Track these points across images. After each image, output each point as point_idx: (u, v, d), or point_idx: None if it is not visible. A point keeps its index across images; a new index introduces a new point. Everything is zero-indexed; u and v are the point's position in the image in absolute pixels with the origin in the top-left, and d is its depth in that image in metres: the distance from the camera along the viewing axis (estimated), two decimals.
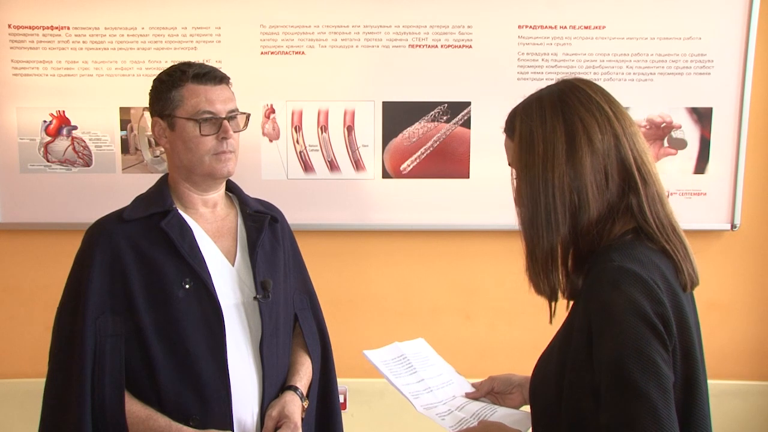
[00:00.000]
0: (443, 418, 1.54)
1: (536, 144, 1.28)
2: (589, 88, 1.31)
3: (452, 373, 1.75)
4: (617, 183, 1.27)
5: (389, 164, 2.64)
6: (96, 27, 2.56)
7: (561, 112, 1.27)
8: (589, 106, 1.27)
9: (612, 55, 2.61)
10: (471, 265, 2.75)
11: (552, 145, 1.26)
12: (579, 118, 1.26)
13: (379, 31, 2.59)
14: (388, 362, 1.70)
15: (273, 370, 1.73)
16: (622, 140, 1.27)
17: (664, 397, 1.13)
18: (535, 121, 1.29)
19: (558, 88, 1.32)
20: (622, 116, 1.29)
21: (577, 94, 1.29)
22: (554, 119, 1.27)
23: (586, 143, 1.25)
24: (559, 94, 1.30)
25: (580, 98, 1.28)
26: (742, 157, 2.64)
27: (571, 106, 1.27)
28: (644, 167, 1.28)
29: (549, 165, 1.26)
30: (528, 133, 1.29)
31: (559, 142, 1.26)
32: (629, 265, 1.20)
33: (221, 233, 1.77)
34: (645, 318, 1.16)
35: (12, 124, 2.60)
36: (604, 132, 1.26)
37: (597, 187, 1.26)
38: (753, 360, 2.80)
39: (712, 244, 2.69)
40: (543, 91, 1.34)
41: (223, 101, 1.71)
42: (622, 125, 1.28)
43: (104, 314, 1.63)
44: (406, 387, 1.63)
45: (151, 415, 1.61)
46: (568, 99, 1.28)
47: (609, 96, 1.32)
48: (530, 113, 1.31)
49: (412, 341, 1.81)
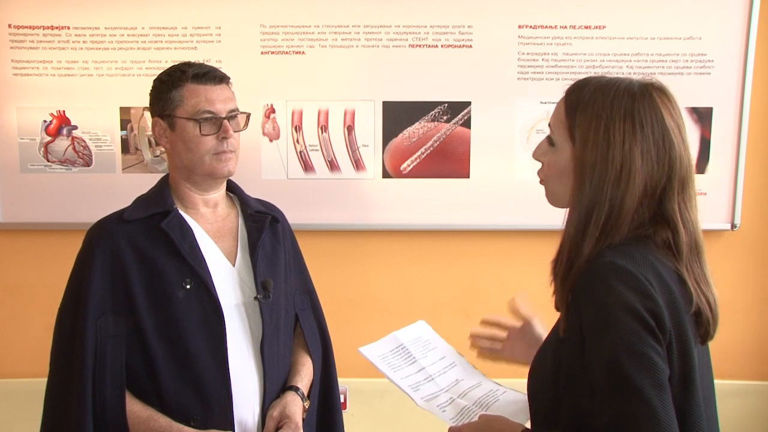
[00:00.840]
0: (444, 410, 1.52)
1: (611, 154, 1.24)
2: (668, 113, 1.27)
3: (454, 355, 1.74)
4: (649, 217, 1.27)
5: (389, 164, 2.64)
6: (96, 27, 2.56)
7: (639, 133, 1.24)
8: (662, 136, 1.25)
9: (612, 55, 2.61)
10: (471, 265, 2.75)
11: (629, 163, 1.23)
12: (648, 150, 1.24)
13: (380, 31, 2.59)
14: (386, 356, 1.68)
15: (274, 371, 1.73)
16: (674, 183, 1.26)
17: (660, 393, 1.13)
18: (615, 130, 1.24)
19: (641, 101, 1.26)
20: (684, 155, 1.27)
21: (654, 118, 1.25)
22: (632, 138, 1.24)
23: (646, 176, 1.24)
24: (641, 111, 1.25)
25: (654, 125, 1.25)
26: (742, 157, 2.64)
27: (646, 133, 1.24)
28: (686, 214, 1.27)
29: (624, 181, 1.23)
30: (605, 137, 1.25)
31: (635, 164, 1.23)
32: (619, 261, 1.19)
33: (222, 233, 1.77)
34: (636, 314, 1.15)
35: (12, 123, 2.59)
36: (663, 168, 1.25)
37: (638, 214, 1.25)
38: (753, 360, 2.81)
39: (712, 244, 2.69)
40: (626, 94, 1.27)
41: (223, 101, 1.71)
42: (681, 165, 1.26)
43: (105, 315, 1.63)
44: (404, 380, 1.61)
45: (152, 416, 1.62)
46: (645, 121, 1.24)
47: (681, 126, 1.29)
48: (610, 115, 1.25)
49: (411, 326, 1.79)
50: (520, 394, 1.59)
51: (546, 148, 1.36)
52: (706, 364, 1.33)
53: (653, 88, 1.29)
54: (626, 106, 1.26)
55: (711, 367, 1.36)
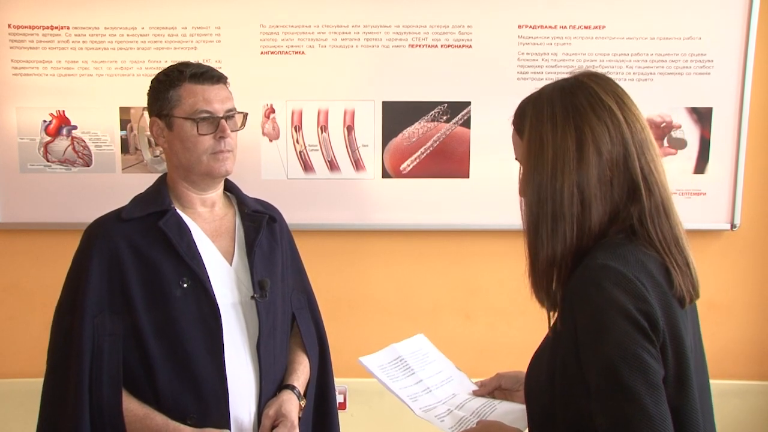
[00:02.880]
0: (442, 420, 1.53)
1: (546, 150, 1.26)
2: (602, 90, 1.28)
3: (452, 369, 1.75)
4: (622, 192, 1.26)
5: (389, 164, 2.64)
6: (96, 27, 2.56)
7: (572, 119, 1.25)
8: (601, 113, 1.25)
9: (612, 55, 2.61)
10: (471, 265, 2.75)
11: (562, 153, 1.24)
12: (590, 128, 1.24)
13: (379, 31, 2.59)
14: (385, 367, 1.69)
15: (270, 369, 1.73)
16: (631, 149, 1.25)
17: (654, 393, 1.13)
18: (545, 125, 1.27)
19: (570, 90, 1.29)
20: (633, 122, 1.27)
21: (590, 98, 1.27)
22: (565, 126, 1.25)
23: (594, 152, 1.24)
24: (571, 97, 1.27)
25: (592, 104, 1.26)
26: (741, 157, 2.64)
27: (582, 113, 1.25)
28: (651, 177, 1.27)
29: (558, 173, 1.24)
30: (538, 138, 1.27)
31: (568, 151, 1.24)
32: (612, 263, 1.19)
33: (219, 233, 1.77)
34: (628, 316, 1.15)
35: (12, 123, 2.60)
36: (614, 142, 1.25)
37: (602, 196, 1.25)
38: (752, 360, 2.80)
39: (711, 244, 2.69)
40: (555, 91, 1.31)
41: (221, 100, 1.71)
42: (632, 132, 1.26)
43: (102, 313, 1.63)
44: (403, 390, 1.62)
45: (149, 414, 1.61)
46: (579, 105, 1.26)
47: (623, 97, 1.29)
48: (541, 116, 1.28)
49: (410, 339, 1.80)
50: (515, 404, 1.60)
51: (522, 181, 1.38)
52: (701, 363, 1.33)
53: (584, 75, 1.31)
54: (556, 101, 1.28)
55: (706, 367, 1.35)
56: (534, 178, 1.28)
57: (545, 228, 1.26)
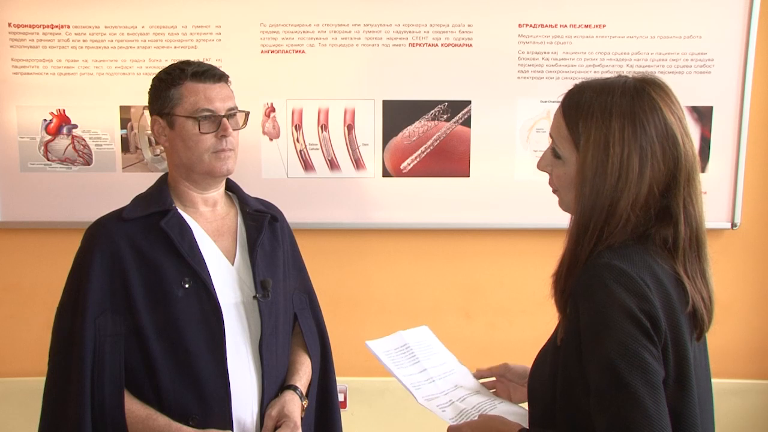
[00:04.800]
0: (444, 410, 1.54)
1: (611, 162, 1.24)
2: (668, 108, 1.26)
3: (455, 363, 1.75)
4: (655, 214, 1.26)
5: (389, 163, 2.64)
6: (96, 26, 2.55)
7: (639, 137, 1.23)
8: (662, 134, 1.24)
9: (612, 54, 2.60)
10: (471, 264, 2.75)
11: (627, 170, 1.23)
12: (652, 151, 1.24)
13: (380, 30, 2.59)
14: (390, 352, 1.69)
15: (272, 370, 1.73)
16: (680, 177, 1.25)
17: (653, 393, 1.13)
18: (613, 136, 1.24)
19: (639, 102, 1.26)
20: (688, 150, 1.26)
21: (655, 117, 1.25)
22: (632, 143, 1.23)
23: (650, 176, 1.24)
24: (640, 112, 1.25)
25: (657, 124, 1.24)
26: (742, 156, 2.64)
27: (649, 133, 1.24)
28: (690, 208, 1.27)
29: (620, 187, 1.23)
30: (604, 146, 1.25)
31: (633, 170, 1.23)
32: (616, 262, 1.20)
33: (221, 232, 1.77)
34: (631, 315, 1.15)
35: (12, 122, 2.59)
36: (668, 166, 1.25)
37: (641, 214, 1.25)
38: (753, 359, 2.80)
39: (712, 243, 2.61)
40: (624, 98, 1.26)
41: (222, 99, 1.71)
42: (686, 161, 1.25)
43: (104, 314, 1.63)
44: (407, 378, 1.62)
45: (151, 415, 1.62)
46: (647, 122, 1.24)
47: (683, 119, 1.28)
48: (608, 123, 1.25)
49: (415, 329, 1.80)
50: (515, 406, 1.61)
51: (551, 159, 1.36)
52: (704, 365, 1.33)
53: (649, 85, 1.28)
54: (625, 109, 1.25)
55: (708, 369, 1.35)
56: (594, 184, 1.25)
57: (593, 237, 1.26)
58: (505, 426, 1.36)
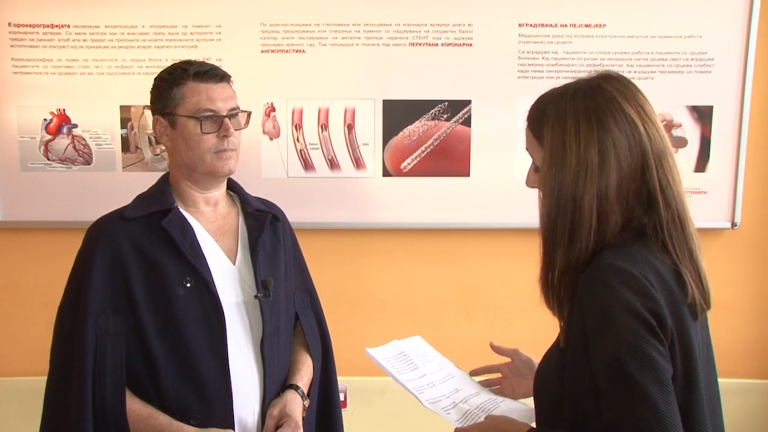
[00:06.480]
0: (448, 412, 1.55)
1: (569, 158, 1.25)
2: (623, 98, 1.27)
3: (452, 368, 1.76)
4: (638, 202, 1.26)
5: (389, 162, 2.64)
6: (96, 25, 2.56)
7: (596, 131, 1.24)
8: (623, 125, 1.25)
9: (612, 54, 2.61)
10: (471, 264, 2.75)
11: (584, 165, 1.24)
12: (612, 140, 1.24)
13: (380, 30, 2.59)
14: (390, 359, 1.71)
15: (274, 369, 1.73)
16: (650, 161, 1.25)
17: (663, 391, 1.13)
18: (569, 134, 1.26)
19: (593, 97, 1.27)
20: (653, 132, 1.27)
21: (612, 108, 1.25)
22: (588, 137, 1.24)
23: (615, 166, 1.24)
24: (594, 107, 1.26)
25: (615, 115, 1.25)
26: (742, 155, 2.64)
27: (606, 126, 1.24)
28: (668, 189, 1.26)
29: (580, 184, 1.24)
30: (561, 146, 1.26)
31: (591, 163, 1.24)
32: (619, 262, 1.20)
33: (222, 232, 1.77)
34: (637, 314, 1.16)
35: (12, 122, 2.59)
36: (634, 154, 1.25)
37: (619, 208, 1.25)
38: (753, 358, 2.81)
39: (712, 242, 2.69)
40: (576, 96, 1.28)
41: (224, 99, 1.71)
42: (652, 143, 1.26)
43: (105, 313, 1.63)
44: (410, 383, 1.63)
45: (152, 414, 1.61)
46: (603, 116, 1.25)
47: (643, 105, 1.28)
48: (564, 124, 1.27)
49: (408, 339, 1.82)
50: (518, 403, 1.63)
51: (534, 176, 1.37)
52: (710, 363, 1.33)
53: (605, 80, 1.30)
54: (578, 108, 1.27)
55: (715, 367, 1.36)
56: (554, 184, 1.27)
57: (563, 238, 1.27)
58: (513, 426, 1.37)
